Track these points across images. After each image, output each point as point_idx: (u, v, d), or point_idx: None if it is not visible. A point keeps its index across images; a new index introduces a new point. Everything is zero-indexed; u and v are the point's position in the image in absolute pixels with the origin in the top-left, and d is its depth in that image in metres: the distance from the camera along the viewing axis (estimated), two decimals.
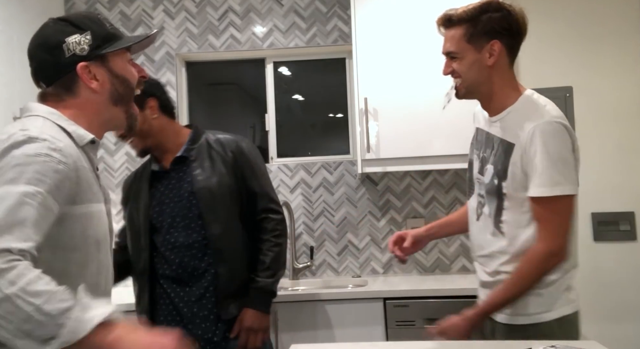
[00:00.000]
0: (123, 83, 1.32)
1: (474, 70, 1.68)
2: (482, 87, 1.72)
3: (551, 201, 1.57)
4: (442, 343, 1.70)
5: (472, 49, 1.67)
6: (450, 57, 1.72)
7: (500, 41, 1.66)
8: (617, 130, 3.06)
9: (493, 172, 1.69)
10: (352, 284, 3.03)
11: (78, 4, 3.35)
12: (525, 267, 1.62)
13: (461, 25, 1.67)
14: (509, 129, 1.67)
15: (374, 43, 2.90)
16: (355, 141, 3.19)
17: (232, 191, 2.09)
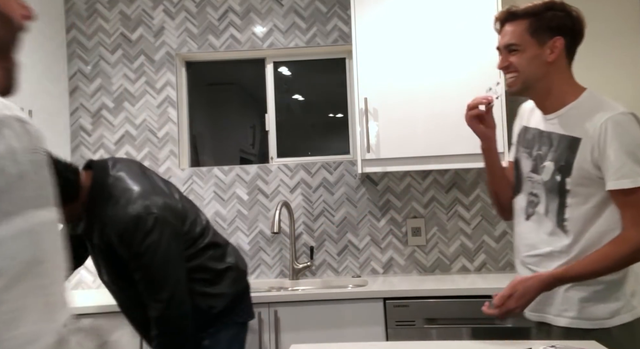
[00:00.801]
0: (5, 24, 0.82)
1: (533, 64, 1.67)
2: (539, 84, 1.69)
3: (636, 194, 1.54)
4: (442, 343, 1.69)
5: (534, 43, 1.66)
6: (509, 50, 1.69)
7: (563, 38, 1.66)
8: None
9: (554, 169, 1.65)
10: (352, 284, 3.03)
11: (78, 4, 3.35)
12: (614, 249, 1.56)
13: (525, 19, 1.66)
14: (571, 124, 1.65)
15: (374, 43, 2.90)
16: (355, 141, 3.19)
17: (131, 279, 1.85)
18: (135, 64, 3.33)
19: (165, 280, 1.80)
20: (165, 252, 1.79)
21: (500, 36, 1.73)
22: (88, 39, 3.35)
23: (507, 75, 1.72)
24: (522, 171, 1.79)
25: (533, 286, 1.57)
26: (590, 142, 1.58)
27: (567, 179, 1.62)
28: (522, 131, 1.83)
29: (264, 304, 2.60)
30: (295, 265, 3.15)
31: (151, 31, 3.34)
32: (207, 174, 3.28)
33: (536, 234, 1.70)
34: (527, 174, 1.76)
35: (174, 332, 1.82)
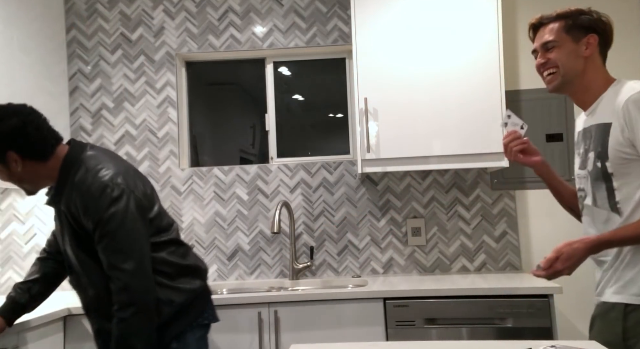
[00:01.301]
0: None
1: (571, 59, 1.75)
2: (578, 79, 1.76)
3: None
4: (442, 343, 1.69)
5: (570, 39, 1.75)
6: (547, 48, 1.78)
7: (596, 35, 1.75)
8: None
9: (594, 157, 1.72)
10: (352, 284, 3.03)
11: (78, 4, 3.35)
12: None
13: (560, 20, 1.77)
14: (603, 113, 1.72)
15: (374, 43, 2.90)
16: (355, 141, 3.19)
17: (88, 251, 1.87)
18: (135, 64, 3.33)
19: (131, 249, 1.79)
20: (132, 223, 1.80)
21: (536, 39, 1.83)
22: (88, 39, 3.35)
23: (546, 72, 1.80)
24: (575, 171, 1.87)
25: (579, 248, 1.61)
26: (619, 124, 1.64)
27: (607, 163, 1.67)
28: (575, 138, 1.91)
29: (264, 304, 2.60)
30: (295, 265, 3.15)
31: (151, 31, 3.34)
32: (207, 174, 3.28)
33: (593, 227, 1.75)
34: (576, 172, 1.85)
35: (137, 307, 1.78)
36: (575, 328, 3.00)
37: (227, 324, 2.59)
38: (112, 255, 1.79)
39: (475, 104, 2.81)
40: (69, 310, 2.52)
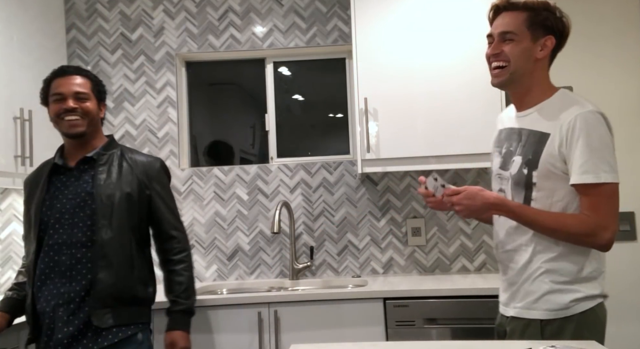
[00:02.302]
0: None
1: (524, 57, 1.70)
2: (524, 79, 1.73)
3: (598, 189, 1.59)
4: (442, 343, 1.69)
5: (529, 36, 1.69)
6: (504, 39, 1.71)
7: (554, 38, 1.71)
8: (617, 130, 3.05)
9: (522, 162, 1.69)
10: (352, 284, 3.03)
11: (78, 4, 3.35)
12: (571, 220, 1.62)
13: (525, 11, 1.70)
14: (541, 120, 1.69)
15: (374, 43, 2.90)
16: (355, 141, 3.19)
17: (132, 204, 2.06)
18: (135, 64, 3.33)
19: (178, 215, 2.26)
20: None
21: (495, 24, 1.75)
22: (88, 39, 3.35)
23: (495, 63, 1.73)
24: (493, 169, 1.84)
25: (485, 196, 1.66)
26: (559, 137, 1.62)
27: (533, 173, 1.66)
28: (497, 134, 1.88)
29: (264, 304, 2.60)
30: (295, 265, 3.15)
31: (151, 31, 3.34)
32: (207, 174, 3.28)
33: (504, 230, 1.75)
34: (496, 172, 1.81)
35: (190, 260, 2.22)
36: None
37: (227, 324, 2.59)
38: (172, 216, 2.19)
39: (475, 104, 2.80)
40: None
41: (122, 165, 2.11)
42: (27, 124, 2.72)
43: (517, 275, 1.71)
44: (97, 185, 2.02)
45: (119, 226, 2.00)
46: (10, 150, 2.63)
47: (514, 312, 1.71)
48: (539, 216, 1.63)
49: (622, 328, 2.97)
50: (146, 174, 2.13)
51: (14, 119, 2.65)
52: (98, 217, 1.97)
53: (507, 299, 1.74)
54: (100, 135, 2.21)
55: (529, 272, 1.68)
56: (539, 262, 1.66)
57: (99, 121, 2.19)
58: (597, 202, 1.60)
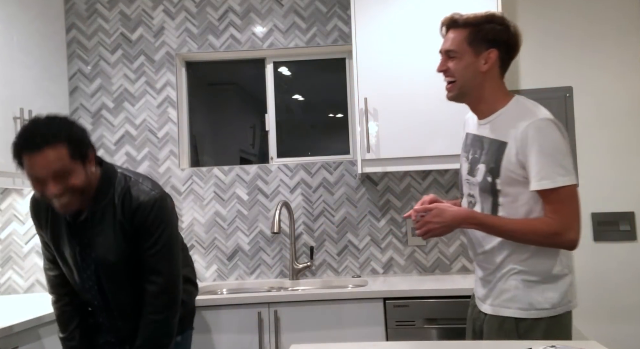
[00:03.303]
0: None
1: (468, 72, 1.79)
2: (474, 91, 1.81)
3: (557, 192, 1.66)
4: (442, 343, 1.70)
5: (470, 52, 1.78)
6: (448, 56, 1.82)
7: (497, 51, 1.78)
8: (617, 130, 3.07)
9: (485, 171, 1.77)
10: (352, 284, 3.03)
11: (78, 4, 3.35)
12: (536, 224, 1.70)
13: (466, 28, 1.79)
14: (499, 129, 1.77)
15: (374, 43, 2.90)
16: (355, 141, 3.19)
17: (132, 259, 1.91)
18: (135, 64, 3.33)
19: (175, 257, 1.94)
20: (176, 233, 1.98)
21: (443, 41, 1.86)
22: (88, 39, 3.35)
23: (445, 79, 1.84)
24: (462, 174, 1.92)
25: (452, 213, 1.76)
26: (515, 146, 1.70)
27: (497, 180, 1.74)
28: (465, 137, 1.96)
29: (264, 304, 2.60)
30: (295, 265, 3.15)
31: (151, 31, 3.34)
32: (207, 174, 3.28)
33: (478, 233, 1.82)
34: (465, 177, 1.89)
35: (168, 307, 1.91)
36: (575, 327, 3.00)
37: (227, 324, 2.59)
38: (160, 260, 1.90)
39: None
40: None
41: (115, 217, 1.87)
42: None
43: (491, 274, 1.81)
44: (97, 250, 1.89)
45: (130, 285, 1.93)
46: (10, 150, 2.62)
47: (491, 310, 1.80)
48: (507, 225, 1.72)
49: (622, 328, 2.97)
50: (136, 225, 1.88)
51: (14, 119, 2.65)
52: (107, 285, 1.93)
53: (483, 295, 1.84)
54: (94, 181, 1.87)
55: (503, 272, 1.77)
56: (512, 263, 1.76)
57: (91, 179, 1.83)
58: (558, 205, 1.68)
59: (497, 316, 1.77)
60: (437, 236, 1.84)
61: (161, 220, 1.89)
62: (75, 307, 2.03)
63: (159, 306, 1.89)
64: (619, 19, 3.09)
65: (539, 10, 3.15)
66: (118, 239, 1.88)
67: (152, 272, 1.89)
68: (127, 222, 1.87)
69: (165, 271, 1.90)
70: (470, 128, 1.92)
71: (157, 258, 1.89)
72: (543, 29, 3.13)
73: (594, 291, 3.00)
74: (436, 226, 1.76)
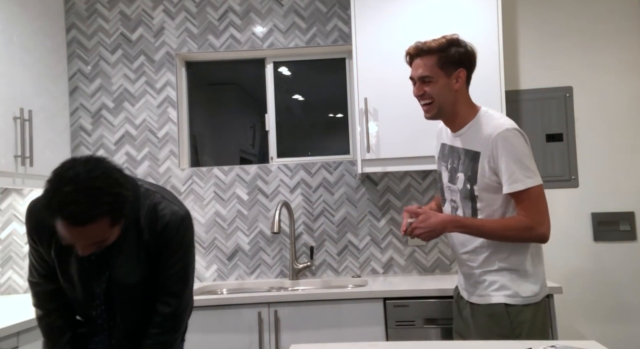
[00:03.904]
0: None
1: (444, 92, 1.98)
2: (449, 108, 2.00)
3: (527, 193, 1.87)
4: (442, 343, 1.70)
5: (443, 74, 1.97)
6: (423, 81, 2.00)
7: (464, 69, 1.99)
8: (617, 130, 3.07)
9: (464, 179, 1.97)
10: (352, 284, 3.03)
11: (78, 4, 3.35)
12: (512, 223, 1.90)
13: (434, 54, 1.98)
14: (471, 140, 1.97)
15: (374, 43, 2.90)
16: (355, 141, 3.19)
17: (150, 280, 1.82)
18: (135, 64, 3.33)
19: (191, 277, 1.88)
20: (194, 254, 1.91)
21: (413, 68, 2.03)
22: (88, 39, 3.35)
23: (422, 101, 2.03)
24: (443, 181, 2.10)
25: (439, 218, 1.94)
26: (487, 155, 1.90)
27: (474, 187, 1.94)
28: (441, 147, 2.14)
29: (264, 304, 2.60)
30: (295, 265, 3.15)
31: (151, 31, 3.34)
32: (207, 174, 3.28)
33: (461, 236, 2.01)
34: (446, 184, 2.08)
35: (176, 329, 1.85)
36: (575, 328, 3.00)
37: (227, 324, 2.59)
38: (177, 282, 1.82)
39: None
40: None
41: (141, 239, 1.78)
42: (27, 124, 2.72)
43: (476, 269, 1.99)
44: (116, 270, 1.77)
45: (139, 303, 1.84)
46: (10, 150, 2.63)
47: (481, 299, 1.97)
48: (487, 225, 1.92)
49: (622, 328, 2.97)
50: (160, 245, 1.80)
51: (14, 119, 2.65)
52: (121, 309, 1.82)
53: (470, 287, 2.02)
54: None
55: (487, 268, 1.97)
56: (495, 260, 1.95)
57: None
58: (529, 203, 1.88)
59: (487, 304, 1.95)
60: (425, 240, 2.02)
61: (185, 241, 1.82)
62: (66, 320, 1.90)
63: (169, 328, 1.83)
64: (619, 19, 3.09)
65: (539, 11, 3.15)
66: (141, 261, 1.79)
67: (168, 294, 1.82)
68: (153, 242, 1.78)
69: (181, 294, 1.83)
70: (445, 139, 2.11)
71: (175, 279, 1.82)
72: (543, 29, 3.13)
73: (594, 291, 3.00)
74: (423, 231, 1.94)
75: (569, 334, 2.92)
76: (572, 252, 3.05)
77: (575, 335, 2.95)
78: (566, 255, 3.03)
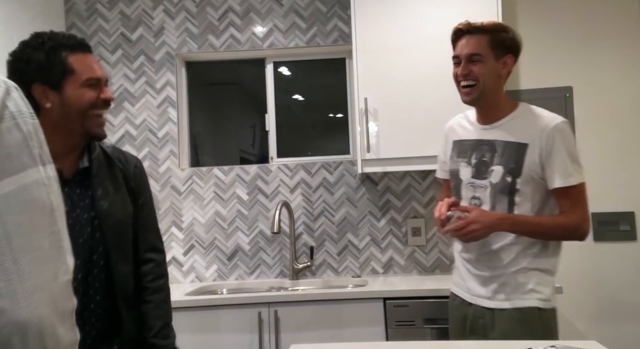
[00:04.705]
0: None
1: (491, 76, 1.85)
2: (491, 95, 1.88)
3: (577, 188, 1.80)
4: (442, 343, 1.70)
5: (493, 56, 1.85)
6: (472, 60, 1.85)
7: (513, 56, 1.89)
8: (617, 130, 3.07)
9: (504, 172, 1.84)
10: (352, 284, 3.03)
11: (78, 4, 3.35)
12: (561, 219, 1.82)
13: (486, 34, 1.86)
14: (515, 131, 1.86)
15: (374, 43, 2.90)
16: (355, 141, 3.19)
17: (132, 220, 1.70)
18: (135, 64, 3.33)
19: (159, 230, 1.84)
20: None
21: (460, 46, 1.89)
22: (88, 39, 3.34)
23: (465, 83, 1.87)
24: (461, 178, 1.95)
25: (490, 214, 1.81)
26: (538, 147, 1.81)
27: (517, 180, 1.82)
28: (456, 144, 2.01)
29: (264, 304, 2.60)
30: (295, 265, 3.15)
31: (151, 31, 3.34)
32: (207, 174, 3.28)
33: None
34: (468, 181, 1.94)
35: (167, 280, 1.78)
36: (576, 328, 3.00)
37: (227, 324, 2.59)
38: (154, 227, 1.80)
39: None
40: None
41: (114, 172, 1.73)
42: None
43: (501, 270, 1.84)
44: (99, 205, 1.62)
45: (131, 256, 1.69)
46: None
47: (507, 304, 1.82)
48: (542, 222, 1.82)
49: (622, 328, 2.97)
50: (136, 179, 1.75)
51: None
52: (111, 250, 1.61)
53: (491, 292, 1.85)
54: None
55: (516, 267, 1.83)
56: (525, 258, 1.83)
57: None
58: (577, 200, 1.81)
59: (516, 308, 1.81)
60: (476, 239, 1.82)
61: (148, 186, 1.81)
62: None
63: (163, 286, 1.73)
64: (619, 19, 3.09)
65: (539, 11, 3.15)
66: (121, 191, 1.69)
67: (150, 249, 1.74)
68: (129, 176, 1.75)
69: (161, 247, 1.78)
70: (462, 135, 2.00)
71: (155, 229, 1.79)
72: (543, 29, 3.13)
73: (594, 291, 3.00)
74: (477, 227, 1.77)
75: (569, 334, 2.93)
76: (572, 252, 3.04)
77: (575, 335, 2.95)
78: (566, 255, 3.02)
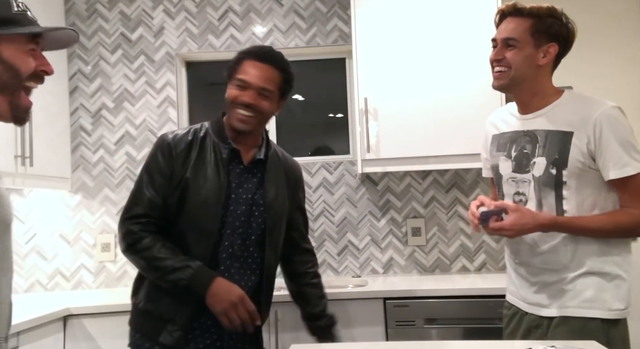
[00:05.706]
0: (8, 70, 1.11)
1: (525, 64, 1.73)
2: (526, 84, 1.75)
3: (635, 178, 1.63)
4: (442, 343, 1.70)
5: (532, 43, 1.72)
6: (507, 45, 1.74)
7: (557, 46, 1.74)
8: None
9: (547, 163, 1.70)
10: (352, 284, 3.03)
11: (78, 4, 3.35)
12: (620, 215, 1.65)
13: (530, 18, 1.72)
14: (559, 120, 1.71)
15: (374, 43, 2.90)
16: (355, 141, 3.19)
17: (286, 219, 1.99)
18: (135, 64, 3.33)
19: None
20: None
21: (499, 29, 1.78)
22: (88, 39, 3.35)
23: (497, 68, 1.76)
24: (502, 174, 1.82)
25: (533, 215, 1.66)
26: (586, 135, 1.65)
27: (563, 172, 1.67)
28: (493, 139, 1.89)
29: None
30: None
31: (151, 31, 3.34)
32: None
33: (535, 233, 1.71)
34: (509, 176, 1.80)
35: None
36: None
37: None
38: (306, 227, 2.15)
39: (475, 104, 2.80)
40: (69, 310, 2.52)
41: (281, 173, 1.96)
42: (27, 124, 2.71)
43: (557, 275, 1.70)
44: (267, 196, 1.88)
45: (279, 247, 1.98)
46: (10, 150, 2.63)
47: (566, 311, 1.68)
48: (591, 224, 1.65)
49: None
50: (296, 182, 2.03)
51: None
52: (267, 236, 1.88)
53: (547, 299, 1.72)
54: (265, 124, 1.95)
55: (575, 273, 1.68)
56: (583, 260, 1.67)
57: (268, 119, 1.93)
58: (638, 192, 1.64)
59: (576, 317, 1.66)
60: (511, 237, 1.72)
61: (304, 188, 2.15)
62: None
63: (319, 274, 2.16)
64: (618, 18, 3.09)
65: None
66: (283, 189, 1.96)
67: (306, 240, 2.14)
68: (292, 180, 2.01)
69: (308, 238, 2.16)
70: (503, 128, 1.86)
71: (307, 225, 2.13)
72: None
73: None
74: (517, 228, 1.65)
75: None
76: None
77: None
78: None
